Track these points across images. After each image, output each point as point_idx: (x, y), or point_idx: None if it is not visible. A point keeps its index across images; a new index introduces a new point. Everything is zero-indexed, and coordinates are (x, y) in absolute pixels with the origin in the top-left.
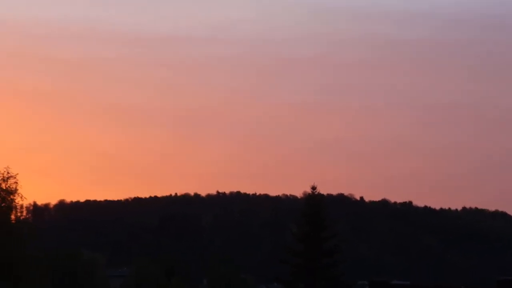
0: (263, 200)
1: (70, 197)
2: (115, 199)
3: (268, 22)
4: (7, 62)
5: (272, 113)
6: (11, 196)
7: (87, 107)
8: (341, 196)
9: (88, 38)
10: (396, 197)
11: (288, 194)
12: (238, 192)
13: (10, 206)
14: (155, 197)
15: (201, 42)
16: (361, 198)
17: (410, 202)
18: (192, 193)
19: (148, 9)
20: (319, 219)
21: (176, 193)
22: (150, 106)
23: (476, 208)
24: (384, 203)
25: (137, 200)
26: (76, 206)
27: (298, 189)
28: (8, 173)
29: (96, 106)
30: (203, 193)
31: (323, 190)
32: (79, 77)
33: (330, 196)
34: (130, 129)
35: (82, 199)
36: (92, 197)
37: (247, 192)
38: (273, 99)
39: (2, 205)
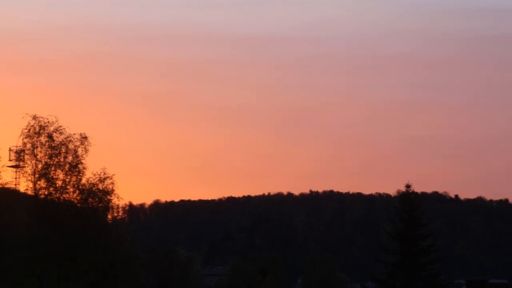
0: (357, 198)
1: (165, 197)
2: (209, 198)
3: (363, 19)
4: (112, 64)
5: (366, 112)
6: (108, 197)
7: (185, 108)
8: (435, 194)
9: (191, 41)
10: (492, 195)
11: (382, 193)
12: (331, 191)
13: (107, 207)
14: (249, 196)
15: (298, 42)
16: (456, 196)
17: (507, 200)
18: (285, 192)
19: (247, 10)
20: (415, 217)
21: (269, 193)
22: (246, 106)
23: None
24: (479, 200)
25: (231, 199)
26: (171, 206)
27: (391, 188)
28: (104, 173)
29: (194, 106)
30: (296, 192)
31: (417, 188)
32: (179, 78)
33: (424, 194)
34: (225, 130)
35: (176, 199)
36: (186, 197)
37: (340, 191)
38: (367, 97)
39: (99, 205)
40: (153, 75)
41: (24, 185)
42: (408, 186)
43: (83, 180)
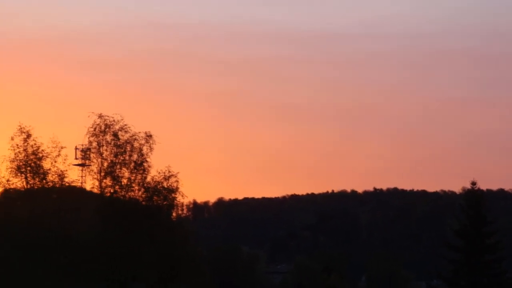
0: (421, 196)
1: (228, 195)
2: (273, 196)
3: (421, 16)
4: (176, 62)
5: (430, 108)
6: (173, 195)
7: (249, 106)
8: (501, 191)
9: (251, 38)
10: None
11: (447, 190)
12: (395, 189)
13: (172, 205)
14: (312, 194)
15: (357, 39)
16: None
17: None
18: (349, 190)
19: (308, 7)
20: (480, 214)
21: (333, 190)
22: (309, 104)
23: None
24: None
25: (294, 197)
26: (235, 203)
27: (456, 185)
28: (169, 172)
29: (258, 104)
30: (360, 189)
31: (483, 185)
32: (243, 76)
33: (489, 191)
34: (289, 127)
35: (240, 197)
36: (250, 194)
37: (405, 188)
38: (429, 93)
39: (164, 203)
40: (217, 73)
41: (90, 184)
42: (473, 183)
43: (148, 178)
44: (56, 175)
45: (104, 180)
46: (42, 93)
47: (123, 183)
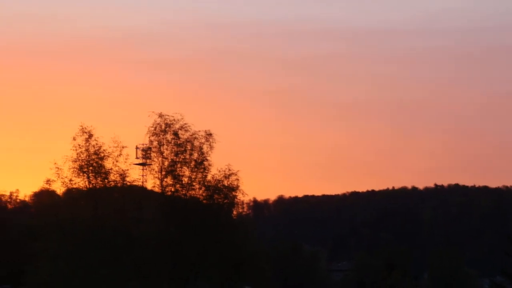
0: (483, 192)
1: (289, 193)
2: (333, 193)
3: (480, 10)
4: (235, 61)
5: (490, 102)
6: (233, 193)
7: (309, 103)
8: None
9: (310, 36)
10: None
11: (509, 186)
12: (457, 185)
13: (232, 203)
14: (372, 191)
15: (414, 34)
16: None
17: None
18: (409, 186)
19: (361, 3)
20: None
21: (393, 187)
22: (368, 100)
23: None
24: None
25: (354, 194)
26: (295, 201)
27: None
28: (229, 170)
29: (318, 102)
30: (420, 186)
31: None
32: (302, 74)
33: None
34: (349, 124)
35: (300, 194)
36: (310, 192)
37: (466, 184)
38: (490, 88)
39: (225, 201)
40: (276, 71)
41: (151, 183)
42: None
43: (209, 177)
44: (117, 175)
45: (165, 179)
46: (103, 93)
47: (184, 182)
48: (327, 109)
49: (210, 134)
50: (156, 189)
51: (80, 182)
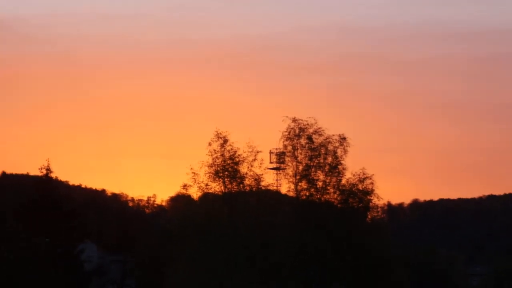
0: None
1: (423, 196)
2: (469, 197)
3: None
4: (364, 64)
5: None
6: (368, 197)
7: (441, 106)
8: None
9: (435, 38)
10: None
11: None
12: None
13: (367, 207)
14: (510, 194)
15: None
16: None
17: None
18: None
19: (485, 4)
20: None
21: None
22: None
23: None
24: None
25: (491, 197)
26: (430, 205)
27: None
28: (364, 174)
29: (451, 104)
30: None
31: None
32: (429, 76)
33: None
34: (486, 127)
35: (435, 198)
36: (445, 195)
37: None
38: None
39: (359, 205)
40: (402, 73)
41: (286, 187)
42: None
43: (343, 181)
44: (252, 179)
45: (300, 183)
46: (237, 98)
47: (318, 186)
48: (464, 111)
49: (344, 138)
50: (291, 194)
51: (216, 187)
